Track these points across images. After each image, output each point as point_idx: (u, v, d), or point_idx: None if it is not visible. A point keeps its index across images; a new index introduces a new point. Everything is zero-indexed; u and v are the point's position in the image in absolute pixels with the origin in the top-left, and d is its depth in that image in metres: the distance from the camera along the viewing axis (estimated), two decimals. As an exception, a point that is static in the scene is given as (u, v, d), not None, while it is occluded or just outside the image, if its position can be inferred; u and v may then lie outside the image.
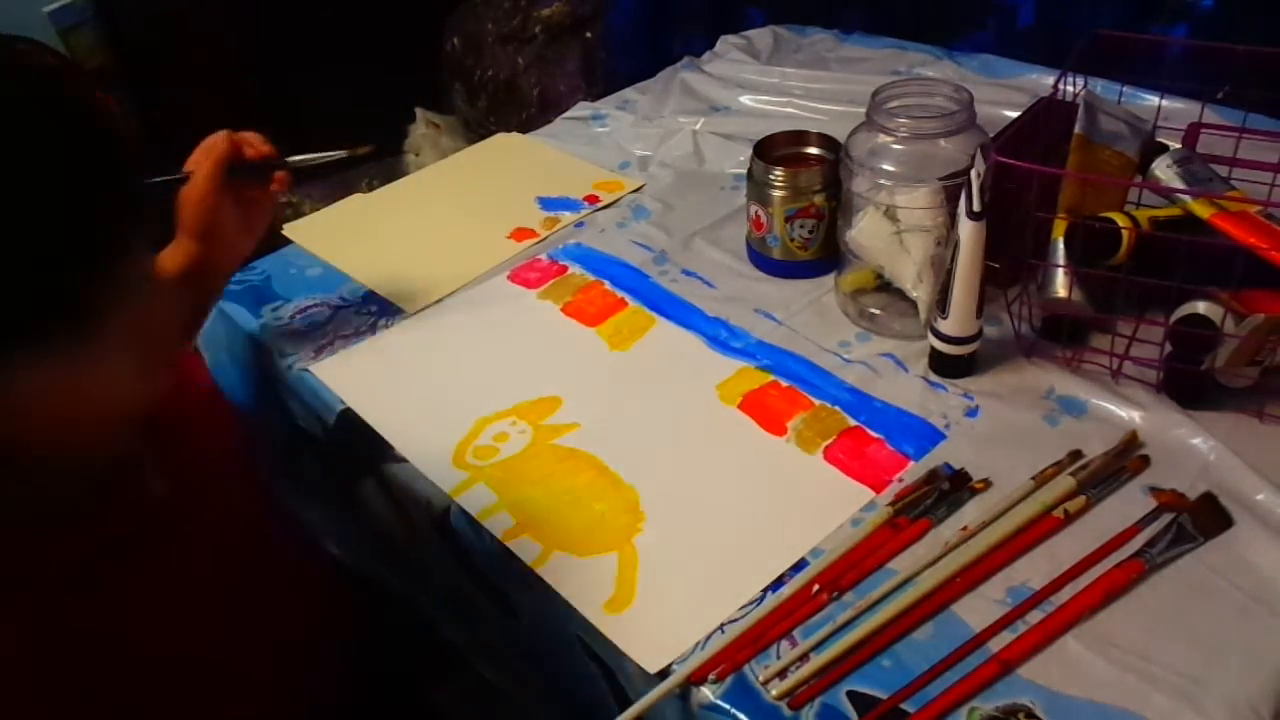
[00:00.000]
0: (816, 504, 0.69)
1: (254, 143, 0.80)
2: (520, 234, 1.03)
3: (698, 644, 0.61)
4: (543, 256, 0.99)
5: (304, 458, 0.92)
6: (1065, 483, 0.67)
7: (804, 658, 0.60)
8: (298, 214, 1.12)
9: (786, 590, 0.63)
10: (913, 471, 0.71)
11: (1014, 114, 0.99)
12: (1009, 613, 0.60)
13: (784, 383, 0.80)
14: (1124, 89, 0.92)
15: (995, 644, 0.59)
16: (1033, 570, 0.63)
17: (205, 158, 0.76)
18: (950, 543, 0.65)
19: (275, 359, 0.88)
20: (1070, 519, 0.66)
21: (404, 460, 0.77)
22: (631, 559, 0.67)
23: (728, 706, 0.58)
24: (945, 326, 0.76)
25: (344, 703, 0.76)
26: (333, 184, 1.74)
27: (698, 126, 1.17)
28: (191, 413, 0.68)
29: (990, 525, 0.66)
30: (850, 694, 0.58)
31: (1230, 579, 0.62)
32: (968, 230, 0.70)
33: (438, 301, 0.94)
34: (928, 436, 0.74)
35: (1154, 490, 0.67)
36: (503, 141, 1.23)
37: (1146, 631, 0.59)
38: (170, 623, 0.59)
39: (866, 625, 0.60)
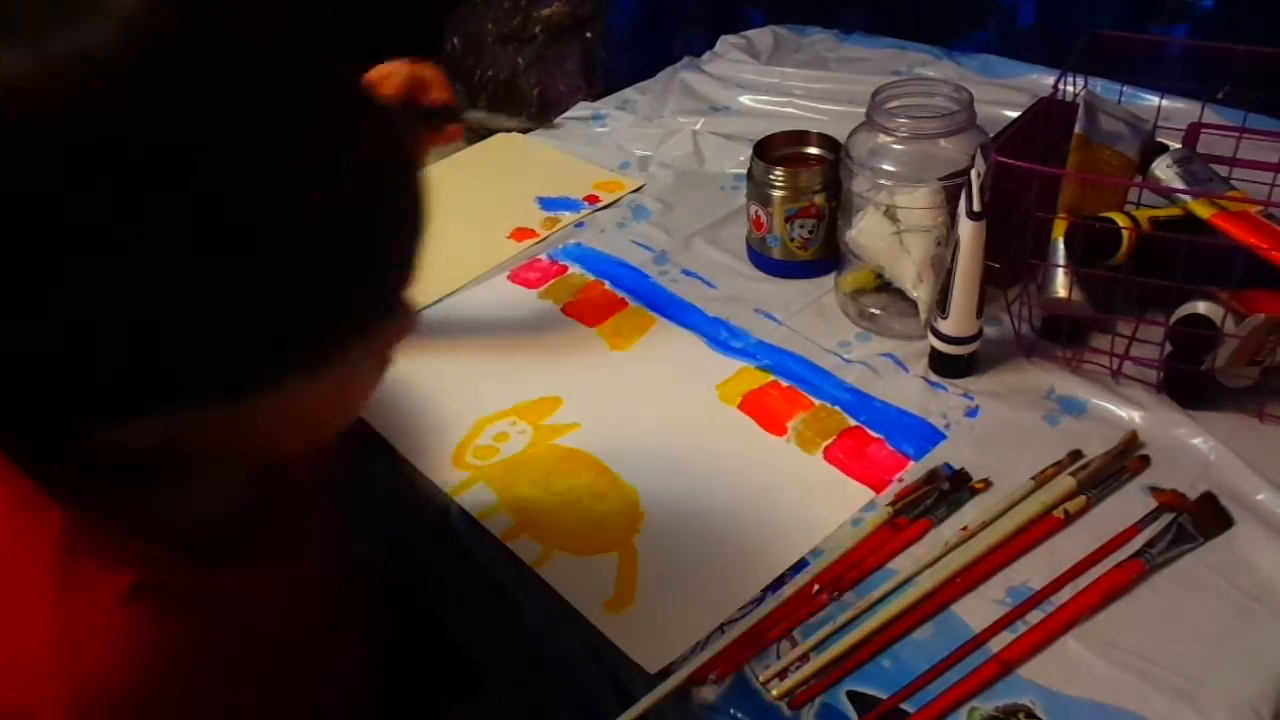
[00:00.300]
0: (816, 504, 0.69)
1: (434, 84, 0.71)
2: (520, 234, 1.03)
3: (698, 644, 0.61)
4: (543, 256, 0.99)
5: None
6: (1065, 483, 0.67)
7: (804, 658, 0.60)
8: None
9: (786, 590, 0.63)
10: (913, 471, 0.71)
11: (1014, 114, 0.99)
12: (1009, 613, 0.60)
13: (784, 383, 0.80)
14: (1124, 89, 0.92)
15: (995, 644, 0.59)
16: (1033, 570, 0.63)
17: (383, 88, 0.68)
18: (950, 543, 0.65)
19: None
20: (1070, 519, 0.66)
21: (404, 460, 0.77)
22: (631, 559, 0.67)
23: (728, 707, 0.58)
24: (945, 326, 0.76)
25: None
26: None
27: (698, 126, 1.17)
28: None
29: (990, 525, 0.66)
30: (850, 694, 0.58)
31: (1230, 579, 0.62)
32: (968, 230, 0.70)
33: (438, 301, 0.94)
34: (928, 436, 0.74)
35: (1154, 490, 0.67)
36: (503, 141, 1.23)
37: (1146, 632, 0.59)
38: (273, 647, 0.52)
39: (866, 625, 0.60)
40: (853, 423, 0.76)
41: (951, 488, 0.69)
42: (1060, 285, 0.78)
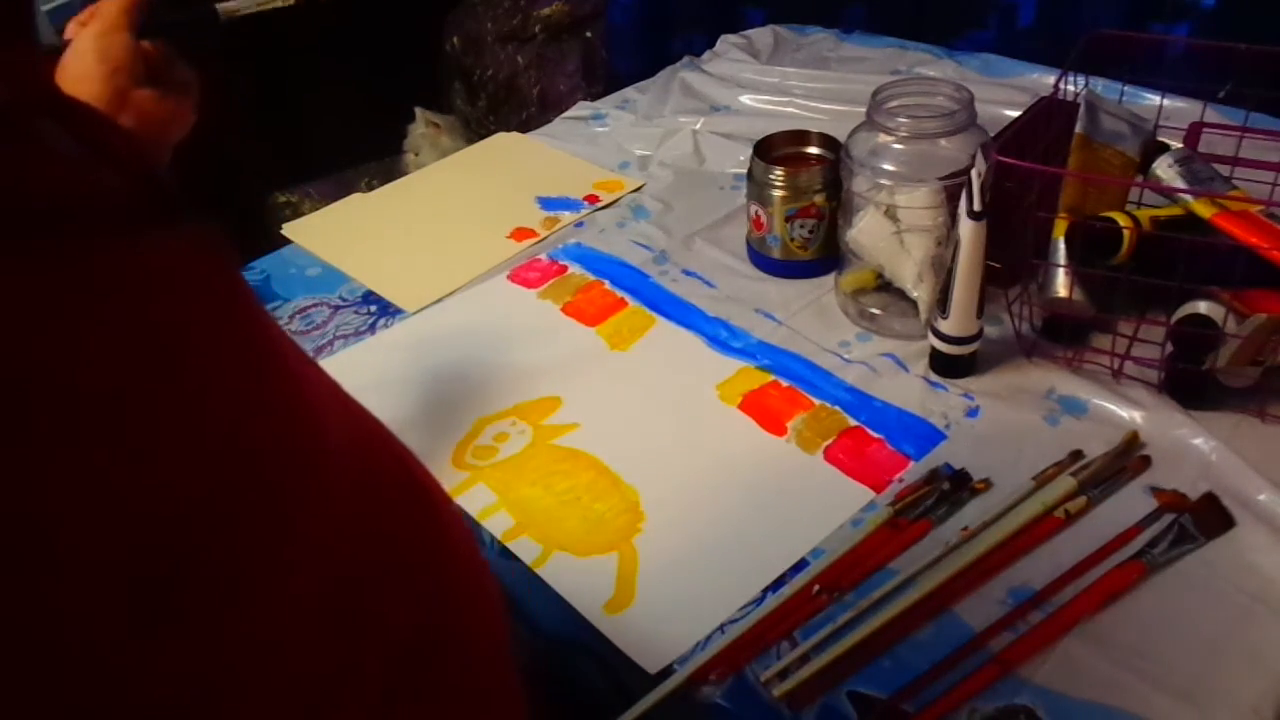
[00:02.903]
0: (816, 504, 0.69)
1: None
2: (520, 234, 1.03)
3: (698, 644, 0.61)
4: (543, 256, 0.99)
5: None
6: (1066, 483, 0.67)
7: (804, 658, 0.59)
8: (297, 214, 1.12)
9: (787, 590, 0.63)
10: (913, 472, 0.71)
11: (1014, 113, 0.99)
12: (1010, 614, 0.60)
13: (784, 383, 0.80)
14: (1125, 88, 0.92)
15: (996, 645, 0.59)
16: (1034, 571, 0.63)
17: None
18: (951, 543, 0.64)
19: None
20: (1071, 519, 0.66)
21: (403, 460, 0.77)
22: (631, 559, 0.67)
23: (728, 707, 0.58)
24: (946, 326, 0.76)
25: None
26: (333, 184, 1.74)
27: (698, 126, 1.17)
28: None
29: (991, 526, 0.65)
30: (851, 695, 0.57)
31: (1232, 580, 0.61)
32: (968, 230, 0.70)
33: (438, 301, 0.94)
34: (928, 436, 0.74)
35: (1155, 490, 0.67)
36: (503, 141, 1.23)
37: (1147, 632, 0.59)
38: None
39: (867, 626, 0.60)
40: (853, 423, 0.76)
41: (952, 488, 0.69)
42: (1061, 285, 0.78)
